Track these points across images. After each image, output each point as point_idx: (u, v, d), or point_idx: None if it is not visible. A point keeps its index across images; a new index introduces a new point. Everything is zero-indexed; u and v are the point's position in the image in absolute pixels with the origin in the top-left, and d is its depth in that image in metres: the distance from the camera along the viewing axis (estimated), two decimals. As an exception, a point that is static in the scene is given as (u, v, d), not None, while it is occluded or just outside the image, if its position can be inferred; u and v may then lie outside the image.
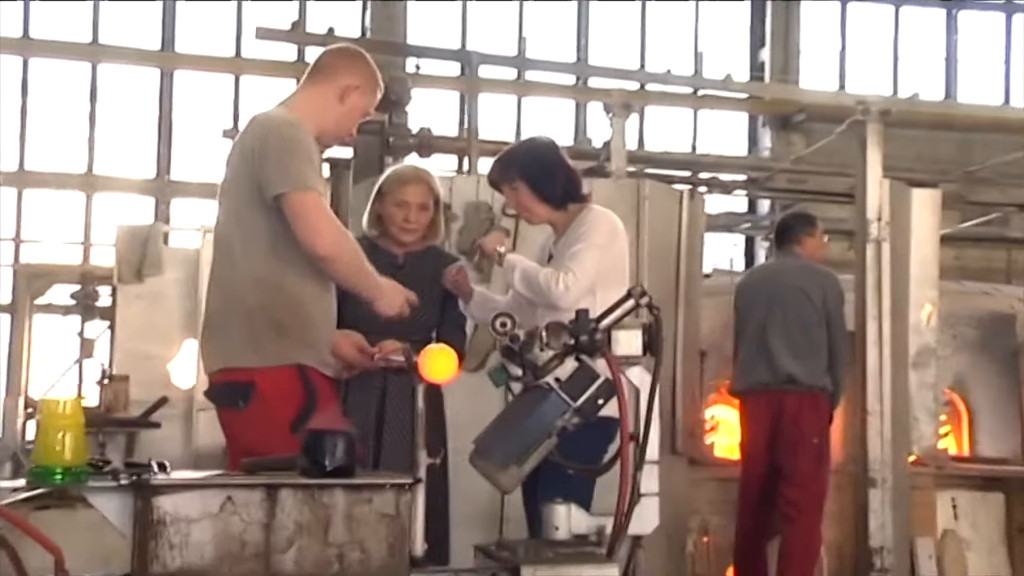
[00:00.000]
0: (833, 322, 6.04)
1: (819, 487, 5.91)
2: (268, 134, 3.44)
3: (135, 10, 13.66)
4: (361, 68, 3.70)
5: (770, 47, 15.20)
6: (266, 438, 3.31)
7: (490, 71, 12.85)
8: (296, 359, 3.43)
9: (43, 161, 13.26)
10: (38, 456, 2.74)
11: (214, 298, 3.56)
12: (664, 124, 14.81)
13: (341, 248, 3.42)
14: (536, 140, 4.35)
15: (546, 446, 3.11)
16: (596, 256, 4.02)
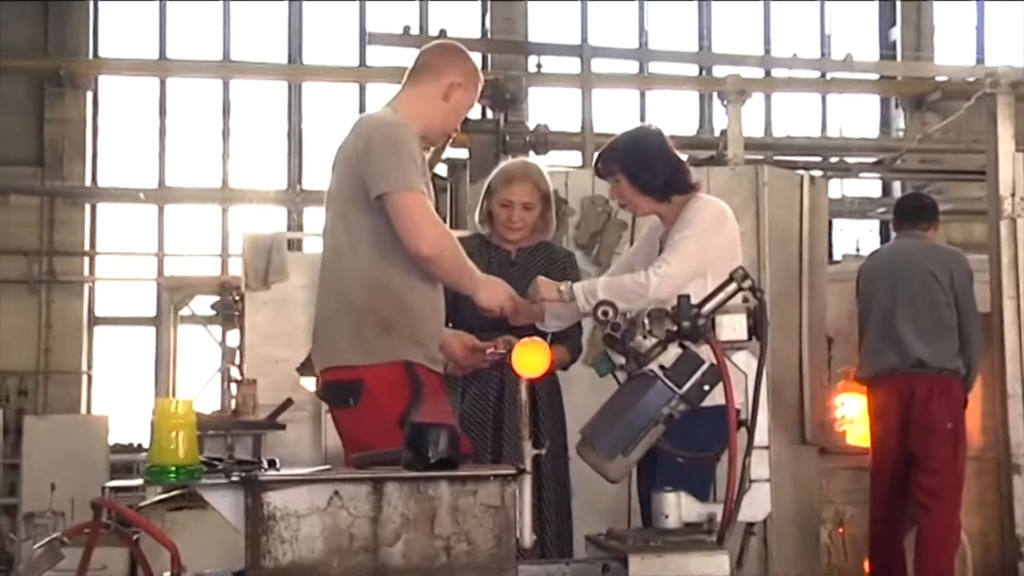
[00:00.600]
0: (962, 302, 5.80)
1: (956, 474, 5.69)
2: (372, 134, 3.49)
3: (263, 27, 14.03)
4: (463, 65, 3.73)
5: (901, 25, 14.74)
6: (377, 434, 3.35)
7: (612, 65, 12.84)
8: (403, 355, 3.46)
9: (181, 177, 13.71)
10: (154, 456, 2.82)
11: (323, 299, 3.63)
12: (794, 111, 14.52)
13: (443, 248, 3.44)
14: (639, 131, 4.25)
15: (653, 434, 3.08)
16: (697, 245, 3.89)
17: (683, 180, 4.06)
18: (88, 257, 13.39)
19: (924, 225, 6.09)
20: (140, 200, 13.41)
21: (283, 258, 7.86)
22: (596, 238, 6.08)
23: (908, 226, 6.11)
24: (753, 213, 6.04)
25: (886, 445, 5.82)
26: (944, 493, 5.64)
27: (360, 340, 3.45)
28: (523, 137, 8.64)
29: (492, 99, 8.50)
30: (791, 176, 6.42)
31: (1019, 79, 6.52)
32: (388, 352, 3.45)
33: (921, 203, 6.34)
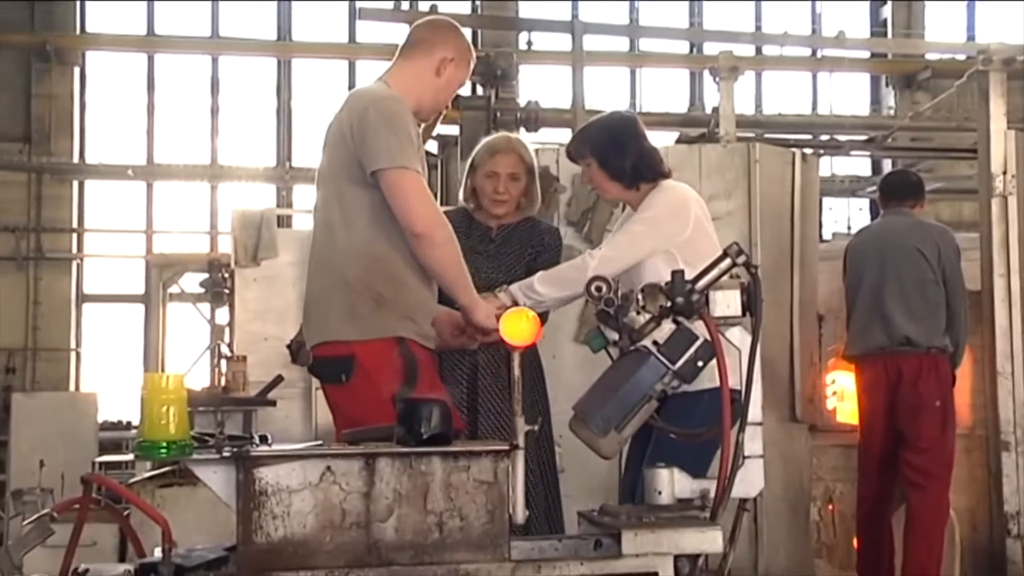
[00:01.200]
0: (950, 279, 5.81)
1: (945, 452, 5.71)
2: (368, 108, 3.45)
3: (252, 3, 13.93)
4: (455, 40, 3.70)
5: (892, 3, 14.71)
6: (369, 411, 3.34)
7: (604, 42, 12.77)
8: (395, 331, 3.45)
9: (169, 154, 13.65)
10: (144, 431, 2.80)
11: (314, 274, 3.60)
12: (786, 90, 14.50)
13: (436, 230, 3.41)
14: (612, 116, 4.21)
15: (646, 411, 3.07)
16: (643, 229, 3.87)
17: (652, 168, 4.04)
18: (76, 234, 13.34)
19: (911, 202, 6.09)
20: (128, 177, 13.34)
21: (272, 235, 7.84)
22: (587, 215, 6.07)
23: (895, 203, 6.11)
24: (745, 190, 6.03)
25: (874, 423, 5.84)
26: (934, 470, 5.66)
27: (352, 315, 3.43)
28: (514, 114, 8.61)
29: (483, 75, 8.47)
30: (783, 153, 6.41)
31: (1011, 56, 6.49)
32: (380, 328, 3.43)
33: (907, 180, 6.33)
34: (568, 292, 3.91)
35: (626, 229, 3.96)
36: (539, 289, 3.83)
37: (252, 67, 13.96)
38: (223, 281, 10.42)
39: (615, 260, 3.77)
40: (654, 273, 3.77)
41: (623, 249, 3.86)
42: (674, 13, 14.36)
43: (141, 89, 13.70)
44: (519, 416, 2.96)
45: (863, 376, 5.94)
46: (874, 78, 14.87)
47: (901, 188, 6.17)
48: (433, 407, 2.85)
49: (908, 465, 5.68)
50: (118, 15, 13.71)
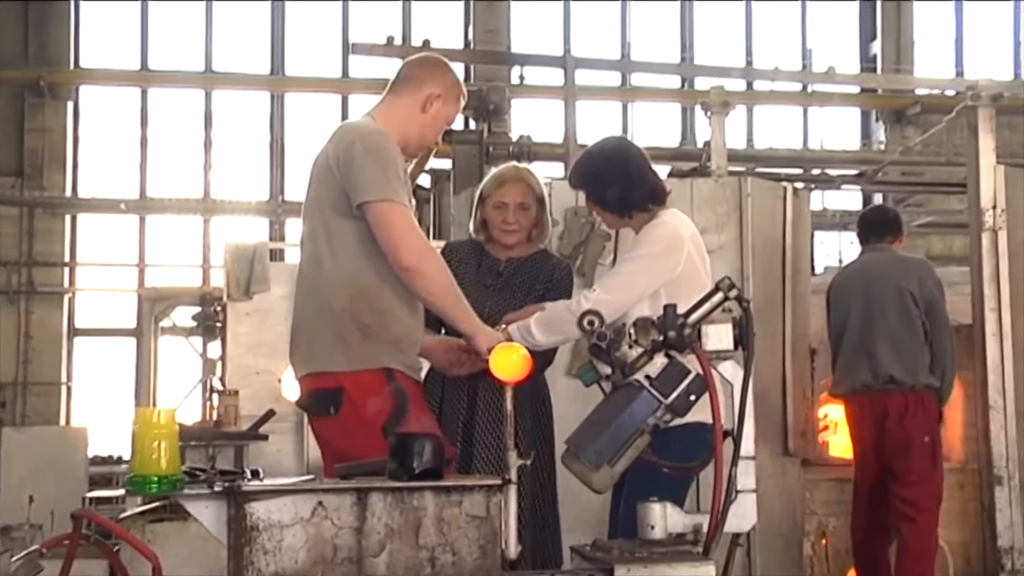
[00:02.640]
0: (933, 312, 5.82)
1: (935, 485, 5.72)
2: (355, 142, 3.47)
3: (245, 38, 14.01)
4: (442, 77, 3.71)
5: (881, 40, 14.84)
6: (360, 443, 3.33)
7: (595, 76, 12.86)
8: (382, 362, 3.44)
9: (162, 188, 13.66)
10: (135, 466, 2.78)
11: (300, 306, 3.60)
12: (776, 124, 14.59)
13: (424, 261, 3.41)
14: (603, 145, 4.14)
15: (638, 445, 3.06)
16: (638, 269, 3.83)
17: (643, 196, 3.98)
18: (68, 268, 13.33)
19: (890, 238, 6.12)
20: (121, 211, 13.36)
21: (265, 268, 7.84)
22: (579, 249, 6.07)
23: (874, 240, 6.13)
24: (737, 224, 6.05)
25: (865, 458, 5.87)
26: (923, 503, 5.67)
27: (339, 346, 3.42)
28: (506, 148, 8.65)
29: (475, 110, 8.51)
30: (774, 188, 6.44)
31: (999, 92, 6.55)
32: (368, 358, 3.42)
33: (885, 216, 6.36)
34: (561, 336, 3.88)
35: (619, 269, 3.92)
36: (534, 332, 3.81)
37: (245, 101, 14.02)
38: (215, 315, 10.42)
39: (610, 303, 3.68)
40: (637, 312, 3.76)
41: (618, 291, 3.80)
42: (665, 48, 14.47)
43: (134, 123, 13.75)
44: (511, 451, 2.96)
45: (851, 414, 5.97)
46: (864, 113, 14.98)
47: (879, 224, 6.20)
48: (425, 442, 2.85)
49: (899, 498, 5.69)
50: (112, 50, 13.78)
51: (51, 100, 13.12)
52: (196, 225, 13.69)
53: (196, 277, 13.34)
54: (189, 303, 11.67)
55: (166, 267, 13.53)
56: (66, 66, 13.38)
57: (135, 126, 13.74)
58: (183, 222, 13.67)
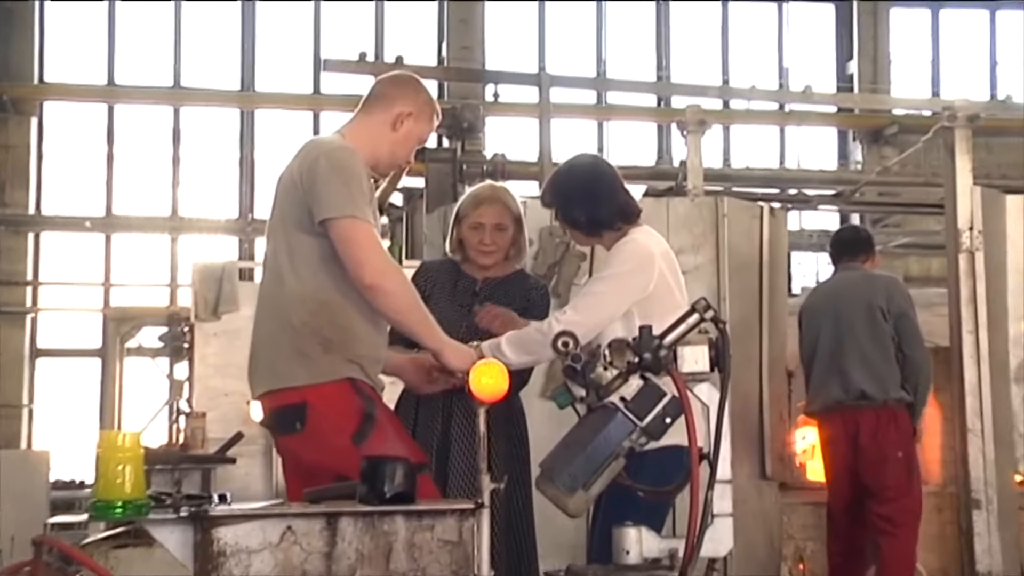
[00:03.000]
0: (904, 324, 5.87)
1: (912, 499, 5.76)
2: (319, 158, 3.47)
3: (214, 53, 13.99)
4: (415, 96, 3.72)
5: (858, 59, 14.97)
6: (330, 456, 3.33)
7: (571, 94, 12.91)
8: (344, 374, 3.44)
9: (129, 206, 13.60)
10: (99, 490, 2.77)
11: (261, 322, 3.58)
12: (753, 144, 14.68)
13: (388, 279, 3.41)
14: (573, 163, 4.14)
15: (613, 468, 3.07)
16: (608, 289, 3.83)
17: (613, 214, 3.97)
18: (31, 287, 13.23)
19: (862, 257, 6.19)
20: (86, 229, 13.29)
21: (234, 288, 7.83)
22: (554, 269, 6.08)
23: (847, 259, 6.21)
24: (713, 244, 6.09)
25: (839, 478, 5.90)
26: (901, 518, 5.71)
27: (301, 360, 3.42)
28: (480, 166, 8.65)
29: (449, 128, 8.53)
30: (751, 207, 6.48)
31: (975, 113, 6.62)
32: (330, 370, 3.42)
33: (857, 236, 6.44)
34: (532, 357, 3.88)
35: (589, 290, 3.92)
36: (506, 351, 3.81)
37: (214, 118, 13.98)
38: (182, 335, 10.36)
39: (581, 324, 3.66)
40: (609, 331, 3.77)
41: (589, 312, 3.80)
42: (641, 66, 14.55)
43: (100, 139, 13.69)
44: (484, 474, 2.95)
45: (824, 432, 6.01)
46: (841, 132, 15.10)
47: (851, 244, 6.27)
48: (396, 465, 2.84)
49: (876, 515, 5.73)
50: (77, 65, 13.72)
51: (15, 115, 13.05)
52: (163, 243, 13.63)
53: (163, 297, 13.27)
54: (156, 323, 11.58)
55: (132, 286, 13.44)
56: (30, 81, 13.31)
57: (101, 142, 13.68)
58: (150, 240, 13.60)
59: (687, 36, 14.84)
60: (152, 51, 13.84)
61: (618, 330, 3.74)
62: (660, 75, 14.48)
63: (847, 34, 15.18)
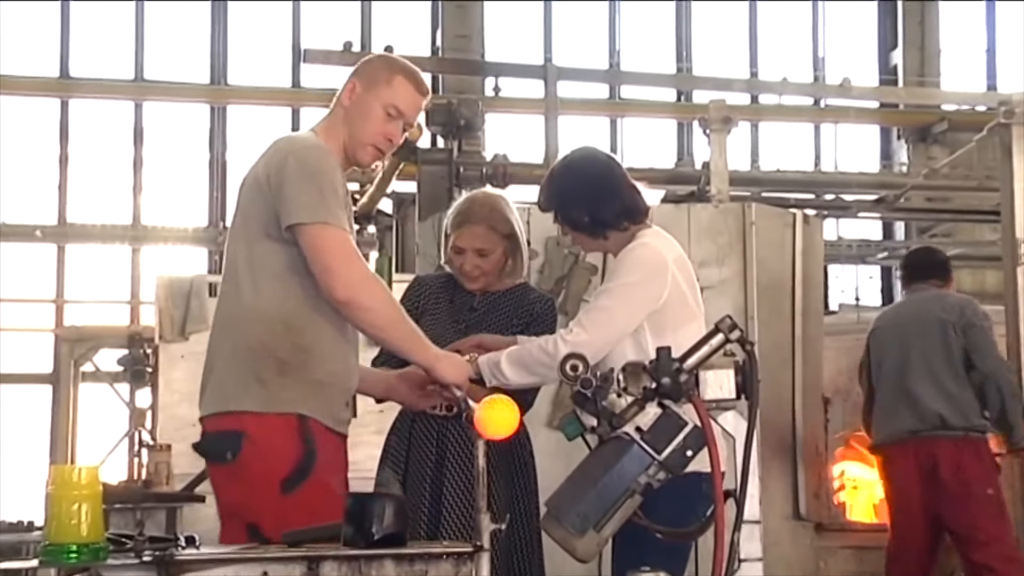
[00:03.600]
0: (974, 339, 5.84)
1: (1008, 544, 5.70)
2: (287, 157, 3.48)
3: (181, 43, 14.04)
4: (363, 67, 3.71)
5: (903, 49, 15.00)
6: (252, 497, 3.34)
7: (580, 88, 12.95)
8: (297, 407, 3.42)
9: (85, 213, 13.63)
10: (51, 533, 2.77)
11: (215, 339, 3.57)
12: (785, 143, 14.71)
13: (361, 293, 3.40)
14: (569, 158, 4.15)
15: (628, 507, 3.07)
16: (617, 302, 3.82)
17: (618, 213, 3.97)
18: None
19: (937, 282, 6.16)
20: (36, 238, 13.31)
21: (203, 305, 7.84)
22: (562, 284, 6.11)
23: (919, 283, 6.17)
24: (740, 256, 6.10)
25: (911, 519, 5.79)
26: (1001, 567, 5.62)
27: (251, 382, 3.41)
28: (479, 169, 8.68)
29: (444, 126, 8.56)
30: (782, 215, 6.50)
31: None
32: (281, 401, 3.40)
33: (934, 258, 6.40)
34: (534, 379, 3.87)
35: (597, 304, 3.89)
36: (505, 369, 3.81)
37: (181, 114, 14.03)
38: (145, 358, 10.39)
39: (589, 344, 3.67)
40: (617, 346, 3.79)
41: (597, 328, 3.79)
42: (660, 57, 14.60)
43: (53, 138, 13.72)
44: (483, 512, 2.96)
45: (891, 467, 5.90)
46: (884, 131, 15.12)
47: (927, 267, 6.24)
48: (386, 503, 2.85)
49: (971, 563, 5.66)
50: (26, 55, 13.77)
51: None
52: (124, 255, 13.65)
53: (123, 315, 13.29)
54: (115, 345, 11.62)
55: (88, 303, 13.47)
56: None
57: (54, 141, 13.71)
58: (108, 252, 13.63)
59: (711, 24, 14.88)
60: (112, 40, 13.89)
61: (627, 346, 3.76)
62: (680, 67, 14.52)
63: (891, 20, 15.22)
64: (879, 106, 14.73)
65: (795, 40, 15.04)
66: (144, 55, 13.86)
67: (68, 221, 13.57)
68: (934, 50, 15.05)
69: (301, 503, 3.30)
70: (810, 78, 14.54)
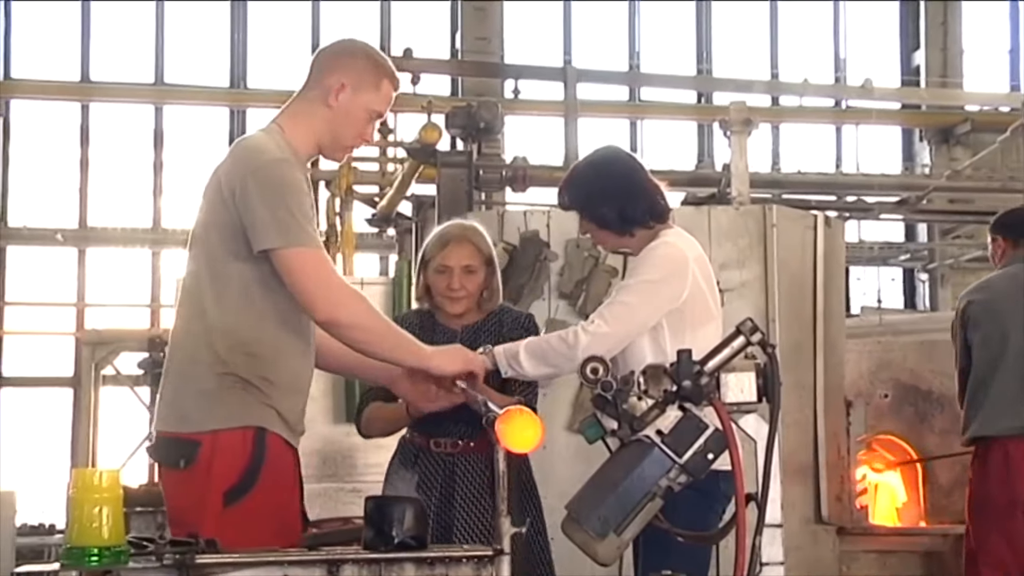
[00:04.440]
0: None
1: None
2: (247, 177, 3.40)
3: (202, 46, 14.10)
4: (350, 61, 3.61)
5: (926, 49, 14.96)
6: (196, 505, 3.33)
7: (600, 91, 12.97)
8: (256, 421, 3.41)
9: (106, 216, 13.69)
10: (72, 536, 2.78)
11: (174, 351, 3.54)
12: (806, 145, 14.69)
13: (344, 311, 3.39)
14: (595, 155, 4.21)
15: (649, 510, 3.07)
16: (638, 299, 3.85)
17: (644, 211, 4.02)
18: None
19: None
20: (57, 242, 13.38)
21: (222, 308, 7.84)
22: (582, 286, 6.12)
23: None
24: (760, 259, 6.09)
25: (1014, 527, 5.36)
26: None
27: (210, 399, 3.40)
28: (499, 172, 8.68)
29: (463, 128, 8.56)
30: (803, 217, 6.49)
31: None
32: (239, 415, 3.40)
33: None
34: (552, 370, 3.90)
35: (618, 299, 3.95)
36: (523, 361, 3.84)
37: (201, 117, 14.09)
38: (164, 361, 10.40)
39: (609, 337, 3.75)
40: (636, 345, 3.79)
41: (618, 322, 3.84)
42: (680, 59, 14.59)
43: (73, 142, 13.80)
44: (504, 516, 2.96)
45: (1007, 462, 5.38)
46: (906, 132, 15.08)
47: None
48: (405, 507, 2.86)
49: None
50: (48, 59, 13.84)
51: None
52: (144, 258, 13.72)
53: (143, 318, 13.35)
54: (135, 348, 11.65)
55: (109, 307, 13.54)
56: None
57: (74, 145, 13.80)
58: (129, 255, 13.70)
59: (731, 25, 14.86)
60: (132, 44, 13.96)
61: (646, 347, 3.76)
62: (701, 69, 14.51)
63: (913, 21, 15.19)
64: (901, 107, 14.71)
65: (816, 41, 15.03)
66: (164, 58, 13.93)
67: (89, 225, 13.64)
68: (957, 50, 15.01)
69: (241, 517, 3.30)
70: (831, 79, 14.52)
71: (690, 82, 13.93)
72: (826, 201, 10.06)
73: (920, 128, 14.86)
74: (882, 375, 7.10)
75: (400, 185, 9.23)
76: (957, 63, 15.00)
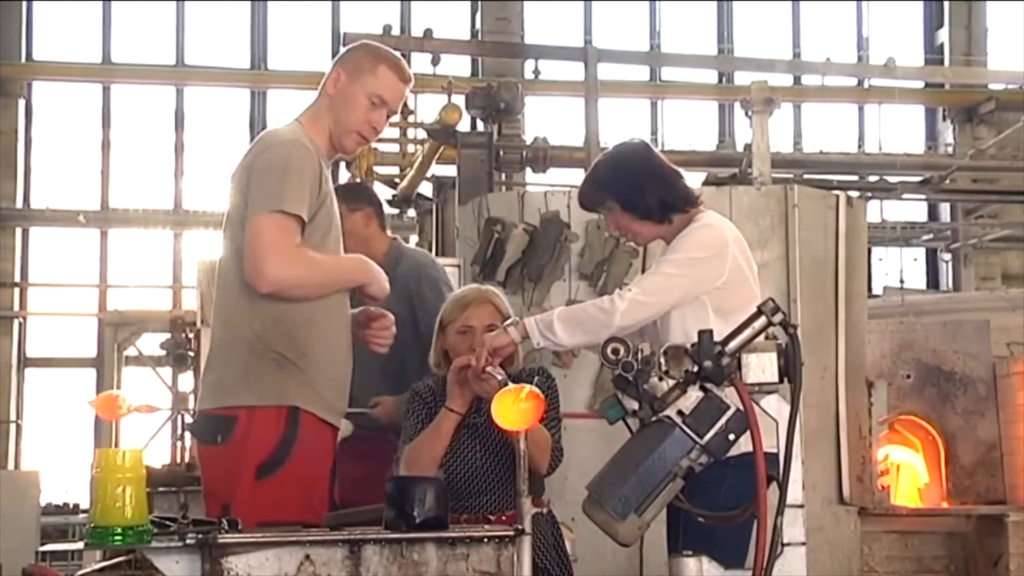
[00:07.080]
0: None
1: None
2: (261, 154, 3.52)
3: (222, 28, 14.11)
4: (347, 55, 3.74)
5: (949, 28, 14.87)
6: (229, 479, 3.39)
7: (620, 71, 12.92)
8: (292, 400, 3.47)
9: (127, 198, 13.74)
10: (96, 515, 2.80)
11: (215, 331, 3.65)
12: (828, 125, 14.62)
13: (281, 279, 3.43)
14: (620, 150, 4.18)
15: (670, 490, 3.07)
16: (677, 272, 3.86)
17: (681, 197, 4.02)
18: (19, 289, 13.40)
19: None
20: (80, 223, 13.44)
21: (244, 289, 7.86)
22: (602, 267, 6.10)
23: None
24: (782, 239, 6.07)
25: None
26: None
27: (248, 376, 3.47)
28: (519, 152, 8.69)
29: (484, 109, 8.55)
30: (825, 197, 6.46)
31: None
32: (275, 394, 3.46)
33: None
34: (588, 338, 3.86)
35: (659, 271, 3.95)
36: (558, 330, 3.83)
37: (222, 99, 14.10)
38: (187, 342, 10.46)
39: (646, 306, 3.76)
40: (680, 324, 3.79)
41: (656, 293, 3.83)
42: (701, 39, 14.52)
43: (95, 124, 13.85)
44: (524, 496, 2.97)
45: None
46: (929, 111, 14.99)
47: None
48: (427, 487, 2.86)
49: None
50: (69, 41, 13.88)
51: (1, 98, 13.21)
52: (166, 240, 13.76)
53: (166, 299, 13.41)
54: (157, 329, 11.69)
55: (131, 288, 13.59)
56: (17, 59, 13.48)
57: (96, 127, 13.84)
58: (151, 236, 13.74)
59: (753, 4, 14.79)
60: (153, 25, 13.98)
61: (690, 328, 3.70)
62: (722, 48, 14.45)
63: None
64: (924, 86, 14.62)
65: (839, 20, 14.94)
66: (185, 40, 13.95)
67: (111, 206, 13.70)
68: (981, 28, 14.92)
69: (271, 491, 3.36)
70: (854, 58, 14.46)
71: (711, 62, 13.88)
72: (848, 181, 10.06)
73: (943, 107, 14.78)
74: (904, 356, 7.07)
75: (420, 166, 9.24)
76: (981, 41, 14.91)
